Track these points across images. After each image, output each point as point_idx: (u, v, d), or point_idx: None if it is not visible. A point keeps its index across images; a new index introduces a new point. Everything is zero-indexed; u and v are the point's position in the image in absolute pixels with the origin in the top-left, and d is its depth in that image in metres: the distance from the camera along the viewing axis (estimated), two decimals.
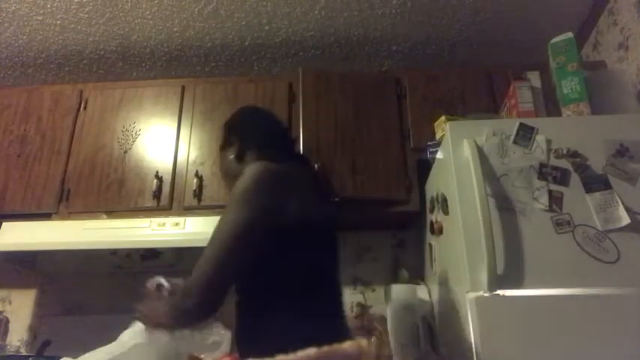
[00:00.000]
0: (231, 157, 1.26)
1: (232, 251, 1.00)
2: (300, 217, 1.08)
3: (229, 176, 1.28)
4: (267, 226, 1.03)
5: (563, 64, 1.74)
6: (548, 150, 1.46)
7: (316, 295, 1.07)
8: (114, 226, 1.92)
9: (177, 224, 1.87)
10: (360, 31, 2.33)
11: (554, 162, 1.45)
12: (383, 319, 1.91)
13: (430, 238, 1.85)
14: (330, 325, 1.05)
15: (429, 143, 1.86)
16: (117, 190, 2.06)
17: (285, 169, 1.13)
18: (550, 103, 1.78)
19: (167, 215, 1.96)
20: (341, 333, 1.05)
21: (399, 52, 2.45)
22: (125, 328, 1.44)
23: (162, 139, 2.14)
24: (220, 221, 1.04)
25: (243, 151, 1.25)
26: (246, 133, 1.27)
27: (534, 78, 1.81)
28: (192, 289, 0.98)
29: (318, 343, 0.59)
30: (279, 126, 1.36)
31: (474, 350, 1.26)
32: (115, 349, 1.22)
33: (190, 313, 0.99)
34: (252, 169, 1.07)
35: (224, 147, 1.31)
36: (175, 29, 2.30)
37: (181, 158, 2.10)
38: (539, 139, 1.47)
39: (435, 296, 1.84)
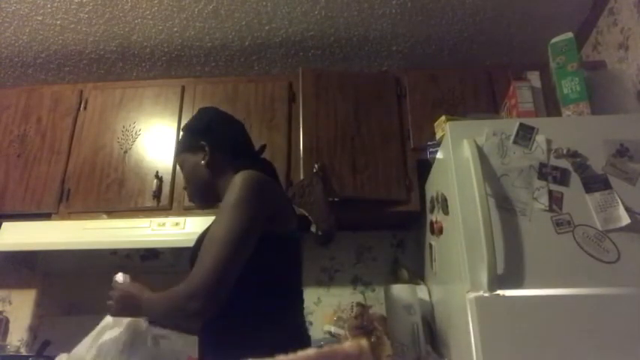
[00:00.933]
0: (201, 162, 1.22)
1: (234, 253, 1.00)
2: (282, 227, 1.12)
3: (196, 180, 1.25)
4: (261, 231, 1.05)
5: (563, 64, 1.73)
6: (548, 150, 1.46)
7: (283, 304, 1.10)
8: (114, 226, 1.92)
9: (177, 224, 1.87)
10: (360, 31, 2.33)
11: (554, 162, 1.45)
12: (383, 319, 1.91)
13: (430, 238, 1.85)
14: (293, 335, 1.08)
15: (429, 143, 1.86)
16: (117, 190, 2.06)
17: (269, 178, 1.15)
18: (550, 103, 1.78)
19: (167, 215, 1.96)
20: (302, 342, 1.08)
21: (399, 52, 2.45)
22: None
23: (162, 139, 2.15)
24: (218, 224, 1.04)
25: (215, 158, 1.23)
26: (215, 139, 1.24)
27: (534, 78, 1.81)
28: (198, 292, 0.97)
29: (280, 351, 0.61)
30: (245, 132, 1.34)
31: (473, 350, 1.26)
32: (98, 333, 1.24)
33: (197, 316, 0.99)
34: (245, 176, 1.08)
35: (189, 150, 1.27)
36: (175, 29, 2.30)
37: None
38: (539, 139, 1.47)
39: (435, 296, 1.84)
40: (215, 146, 1.23)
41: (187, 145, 1.28)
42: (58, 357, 1.25)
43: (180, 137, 1.33)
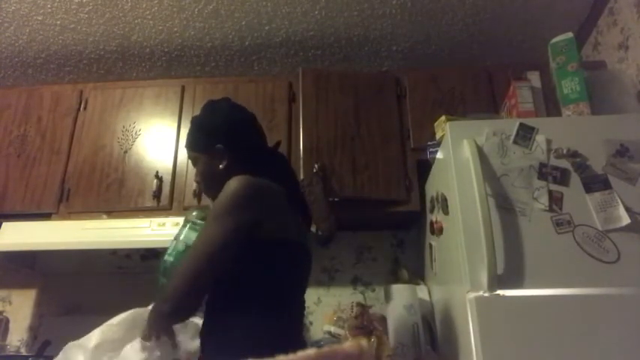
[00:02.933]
0: (219, 166, 1.22)
1: (210, 262, 1.05)
2: (276, 233, 1.13)
3: (211, 180, 1.24)
4: (244, 239, 1.07)
5: (563, 64, 1.73)
6: (548, 150, 1.46)
7: (277, 309, 1.11)
8: (114, 226, 1.92)
9: (177, 224, 1.86)
10: (360, 31, 2.33)
11: (554, 162, 1.45)
12: (383, 319, 1.91)
13: (430, 238, 1.85)
14: (287, 339, 1.08)
15: (429, 143, 1.86)
16: (117, 190, 2.06)
17: (267, 183, 1.14)
18: (550, 103, 1.78)
19: (167, 215, 1.96)
20: (297, 347, 1.07)
21: (399, 52, 2.45)
22: None
23: (162, 139, 2.14)
24: (202, 232, 1.09)
25: (232, 160, 1.22)
26: (233, 142, 1.22)
27: (534, 78, 1.81)
28: (169, 295, 1.05)
29: (273, 354, 0.64)
30: (258, 126, 1.32)
31: (473, 350, 1.26)
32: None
33: (165, 316, 1.07)
34: (234, 183, 1.09)
35: (204, 151, 1.25)
36: (175, 29, 2.30)
37: (181, 158, 2.10)
38: (539, 139, 1.47)
39: (435, 296, 1.84)
40: (232, 149, 1.22)
41: (202, 145, 1.25)
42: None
43: (191, 133, 1.29)
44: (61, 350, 1.24)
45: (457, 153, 1.50)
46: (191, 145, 1.29)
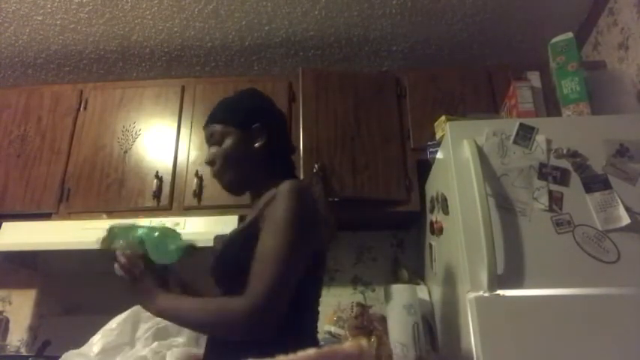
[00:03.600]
0: (256, 145, 1.14)
1: (290, 270, 0.96)
2: (319, 238, 1.08)
3: (238, 161, 1.15)
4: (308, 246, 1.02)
5: (563, 64, 1.74)
6: (548, 150, 1.46)
7: (295, 314, 1.03)
8: None
9: (177, 224, 1.87)
10: (360, 31, 2.33)
11: (554, 162, 1.45)
12: (383, 319, 1.91)
13: (430, 238, 1.85)
14: (304, 342, 1.01)
15: (429, 143, 1.86)
16: (117, 190, 2.06)
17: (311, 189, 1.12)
18: (550, 103, 1.78)
19: (167, 215, 1.96)
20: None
21: (399, 52, 2.45)
22: None
23: (162, 139, 2.14)
24: (275, 238, 0.98)
25: (268, 145, 1.15)
26: (272, 126, 1.18)
27: (534, 78, 1.81)
28: (259, 310, 0.92)
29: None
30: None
31: (473, 350, 1.26)
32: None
33: (253, 334, 0.93)
34: (293, 189, 1.02)
35: (238, 126, 1.16)
36: (175, 29, 2.29)
37: (181, 158, 2.10)
38: (539, 139, 1.48)
39: (435, 296, 1.84)
40: (271, 134, 1.17)
41: (240, 121, 1.16)
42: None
43: (226, 108, 1.21)
44: (60, 350, 1.24)
45: (457, 153, 1.50)
46: (225, 119, 1.18)
